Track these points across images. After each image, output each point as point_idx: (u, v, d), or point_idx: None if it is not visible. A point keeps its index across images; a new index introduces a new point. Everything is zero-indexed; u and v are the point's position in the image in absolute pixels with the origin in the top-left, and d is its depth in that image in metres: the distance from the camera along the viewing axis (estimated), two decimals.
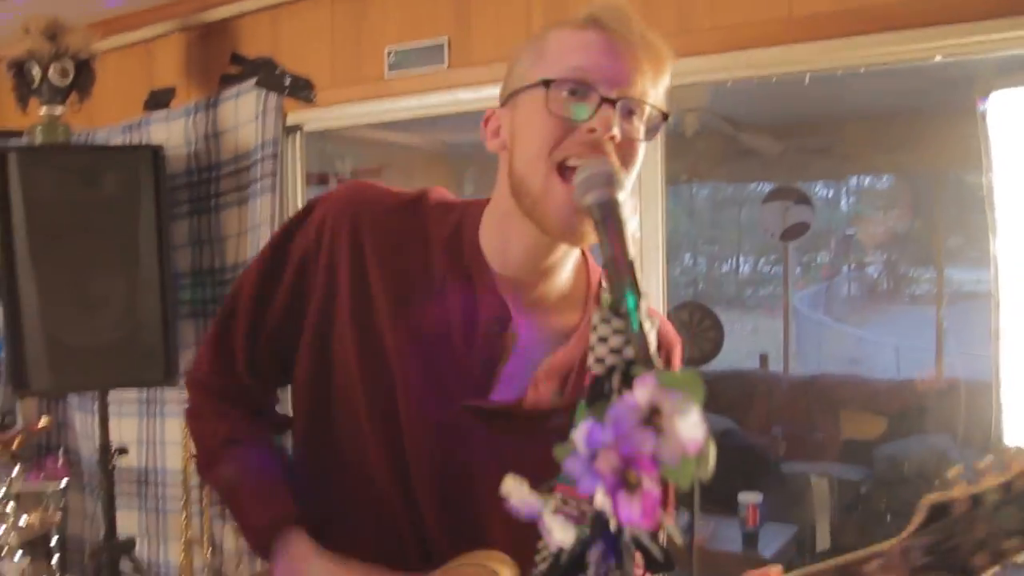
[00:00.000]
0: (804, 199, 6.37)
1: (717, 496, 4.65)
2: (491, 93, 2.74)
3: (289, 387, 1.43)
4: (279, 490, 1.34)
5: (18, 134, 4.15)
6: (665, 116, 1.22)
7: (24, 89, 3.26)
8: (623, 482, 0.80)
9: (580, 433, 0.84)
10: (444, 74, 2.91)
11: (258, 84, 3.26)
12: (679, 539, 1.01)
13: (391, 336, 1.27)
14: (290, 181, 3.36)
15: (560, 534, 0.92)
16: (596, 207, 1.02)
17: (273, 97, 3.23)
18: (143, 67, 3.76)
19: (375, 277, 1.29)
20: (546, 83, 1.18)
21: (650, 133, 1.21)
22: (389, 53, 3.04)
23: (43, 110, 3.27)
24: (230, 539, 3.32)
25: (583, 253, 1.35)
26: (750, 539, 4.57)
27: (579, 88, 1.17)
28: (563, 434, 0.88)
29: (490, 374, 1.26)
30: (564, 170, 1.17)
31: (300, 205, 3.38)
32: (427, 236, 1.31)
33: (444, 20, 2.95)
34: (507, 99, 1.28)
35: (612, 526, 0.92)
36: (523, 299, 1.28)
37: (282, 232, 1.39)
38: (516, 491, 0.92)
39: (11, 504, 2.85)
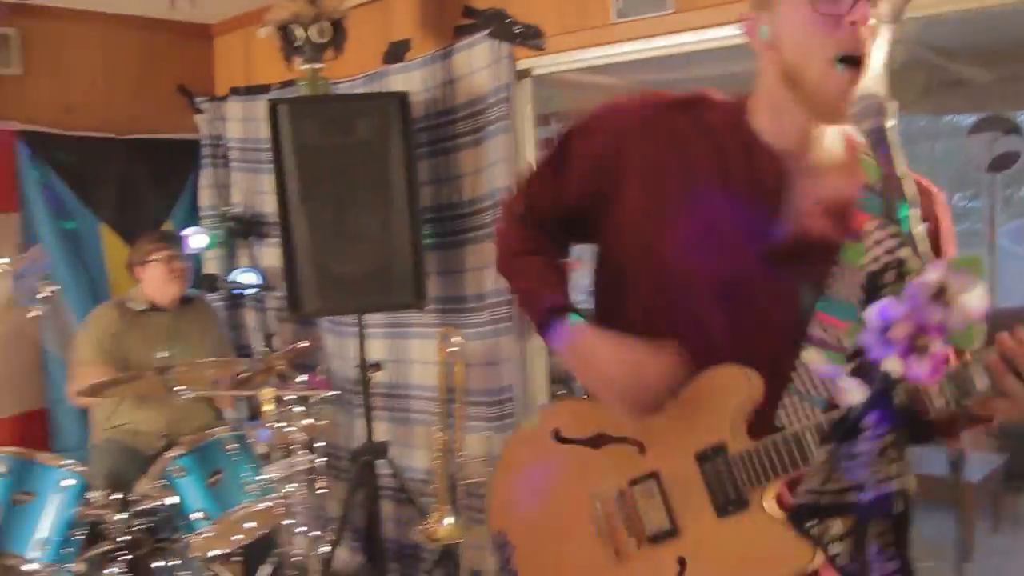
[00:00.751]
0: (1014, 129, 6.25)
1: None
2: (715, 35, 3.00)
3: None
4: (564, 287, 1.68)
5: (266, 88, 4.68)
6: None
7: (288, 48, 3.72)
8: (914, 347, 1.08)
9: (873, 310, 1.12)
10: (670, 19, 3.16)
11: (491, 35, 3.61)
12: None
13: (685, 202, 1.55)
14: (521, 122, 3.69)
15: (856, 394, 1.20)
16: (869, 133, 1.27)
17: (505, 46, 3.57)
18: (381, 22, 4.16)
19: (664, 159, 1.58)
20: None
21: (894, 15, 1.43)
22: (616, 1, 3.31)
23: (305, 66, 3.72)
24: (475, 446, 3.74)
25: None
26: (955, 465, 4.68)
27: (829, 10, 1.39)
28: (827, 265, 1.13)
29: (772, 220, 1.52)
30: (835, 62, 1.39)
31: (532, 144, 3.73)
32: (705, 123, 1.58)
33: None
34: (761, 2, 1.51)
35: (895, 392, 1.18)
36: (795, 166, 1.52)
37: (571, 129, 1.69)
38: (816, 358, 1.21)
39: (300, 407, 3.37)
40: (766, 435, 1.43)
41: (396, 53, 4.06)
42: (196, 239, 4.52)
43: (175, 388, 3.29)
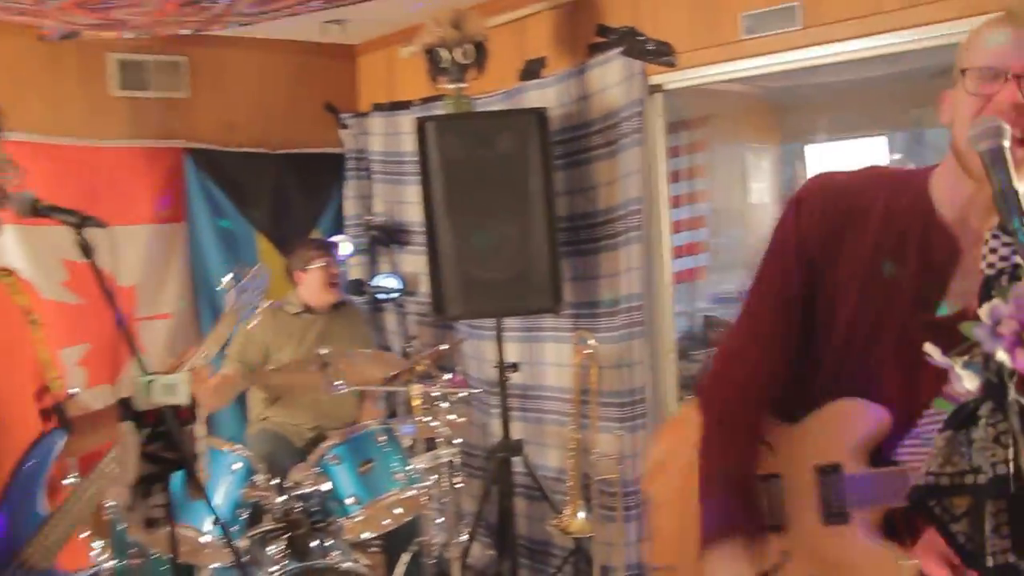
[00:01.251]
0: None
1: None
2: (840, 49, 3.14)
3: None
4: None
5: (407, 105, 4.99)
6: None
7: (435, 69, 4.01)
8: (1020, 341, 1.25)
9: (985, 310, 1.29)
10: (797, 34, 3.32)
11: (623, 52, 3.82)
12: None
13: (867, 274, 1.71)
14: (652, 134, 3.89)
15: (967, 381, 1.37)
16: (986, 153, 1.43)
17: (637, 63, 3.78)
18: (518, 41, 4.42)
19: (847, 233, 1.74)
20: (962, 71, 1.57)
21: None
22: (744, 17, 3.48)
23: (450, 86, 4.01)
24: (607, 446, 3.94)
25: None
26: None
27: (987, 72, 1.54)
28: None
29: (941, 293, 1.66)
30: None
31: (663, 155, 3.93)
32: (883, 198, 1.73)
33: None
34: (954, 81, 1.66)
35: (1008, 382, 1.34)
36: (967, 235, 1.66)
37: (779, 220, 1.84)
38: (935, 353, 1.38)
39: (444, 403, 3.63)
40: (883, 466, 1.62)
41: (532, 70, 4.31)
42: (342, 247, 4.85)
43: (335, 382, 3.60)
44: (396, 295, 5.00)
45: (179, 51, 4.93)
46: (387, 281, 4.97)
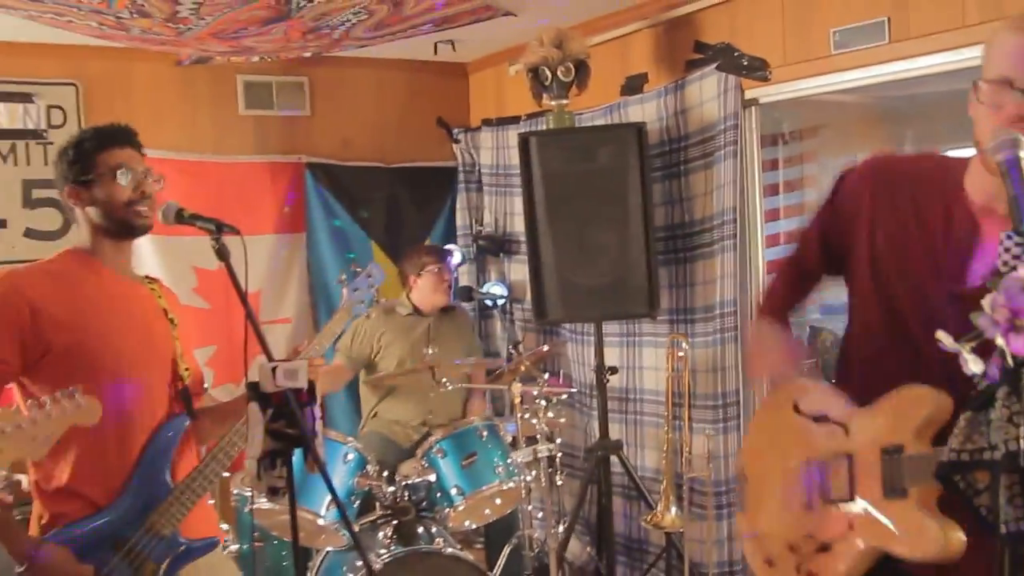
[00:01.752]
0: None
1: None
2: (929, 62, 3.28)
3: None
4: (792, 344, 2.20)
5: (515, 120, 5.26)
6: None
7: (538, 87, 4.27)
8: (1012, 326, 1.42)
9: (987, 300, 1.48)
10: (886, 49, 3.46)
11: (719, 68, 4.01)
12: None
13: (900, 244, 1.98)
14: (748, 146, 4.06)
15: (973, 365, 1.55)
16: (1002, 163, 1.61)
17: (732, 78, 3.96)
18: (619, 57, 4.64)
19: (888, 206, 2.01)
20: (974, 83, 1.79)
21: None
22: (834, 33, 3.63)
23: (553, 102, 4.26)
24: (700, 446, 4.11)
25: None
26: None
27: (1001, 84, 1.74)
28: None
29: (964, 269, 1.89)
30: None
31: (758, 166, 4.10)
32: (924, 178, 2.00)
33: (884, 0, 3.49)
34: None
35: (1009, 362, 1.52)
36: (992, 221, 1.87)
37: (836, 181, 2.18)
38: (945, 339, 1.56)
39: (543, 402, 3.87)
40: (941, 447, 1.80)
41: (633, 86, 4.53)
42: (453, 256, 5.15)
43: (443, 380, 3.89)
44: (503, 302, 5.28)
45: (300, 72, 5.32)
46: (494, 288, 5.25)
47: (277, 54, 4.71)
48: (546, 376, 4.00)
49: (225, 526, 3.83)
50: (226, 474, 3.57)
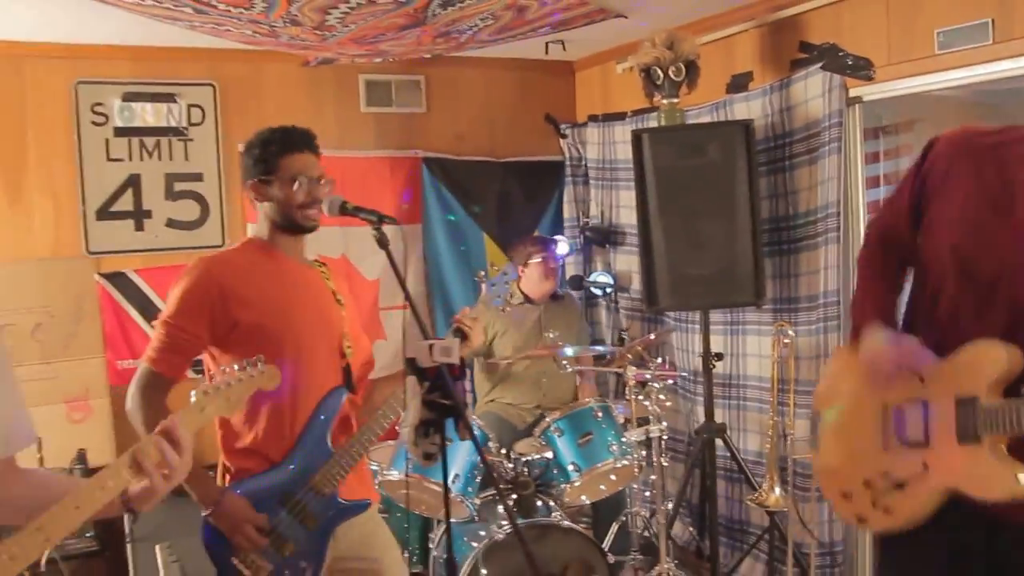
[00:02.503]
0: None
1: None
2: None
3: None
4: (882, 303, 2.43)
5: (621, 116, 5.54)
6: None
7: (650, 86, 4.55)
8: None
9: None
10: (989, 49, 3.65)
11: (824, 67, 4.23)
12: None
13: (985, 207, 2.19)
14: (851, 143, 4.29)
15: None
16: None
17: (837, 77, 4.18)
18: (725, 57, 4.89)
19: (974, 172, 2.23)
20: None
21: None
22: (938, 33, 3.83)
23: (664, 101, 4.53)
24: (804, 430, 4.35)
25: None
26: None
27: None
28: None
29: None
30: None
31: (860, 161, 4.32)
32: (1005, 149, 2.21)
33: (987, 2, 3.68)
34: None
35: None
36: None
37: (924, 148, 2.38)
38: None
39: (656, 384, 4.15)
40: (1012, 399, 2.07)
41: (739, 84, 4.78)
42: (559, 245, 5.45)
43: (563, 362, 4.21)
44: (609, 291, 5.57)
45: (417, 71, 5.68)
46: (601, 277, 5.55)
47: (404, 56, 5.06)
48: (659, 361, 4.28)
49: None
50: None
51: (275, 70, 5.36)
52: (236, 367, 2.08)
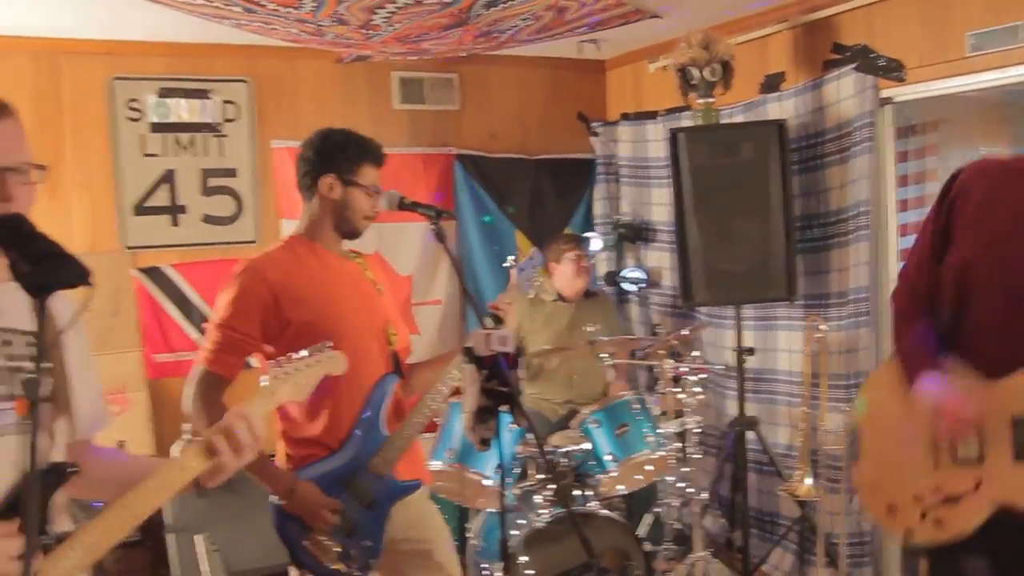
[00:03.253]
0: None
1: None
2: None
3: None
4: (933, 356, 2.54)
5: (652, 115, 5.69)
6: None
7: (686, 86, 4.71)
8: None
9: None
10: (1019, 52, 3.79)
11: (857, 68, 4.38)
12: None
13: (1009, 235, 2.37)
14: (883, 142, 4.44)
15: None
16: None
17: (870, 78, 4.34)
18: (758, 57, 5.04)
19: (997, 201, 2.41)
20: None
21: None
22: (970, 36, 3.98)
23: (700, 100, 4.69)
24: (831, 423, 4.50)
25: None
26: None
27: None
28: None
29: None
30: None
31: (892, 160, 4.48)
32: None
33: (1017, 5, 3.81)
34: None
35: None
36: None
37: (947, 182, 2.55)
38: None
39: (692, 377, 4.31)
40: None
41: (772, 84, 4.93)
42: (592, 242, 5.61)
43: (601, 356, 4.38)
44: (642, 287, 5.73)
45: (451, 69, 5.85)
46: (633, 273, 5.71)
47: (444, 55, 5.22)
48: (695, 354, 4.44)
49: None
50: None
51: (309, 67, 5.52)
52: (305, 352, 2.20)
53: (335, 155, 3.02)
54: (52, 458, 1.79)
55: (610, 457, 4.25)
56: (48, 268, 1.68)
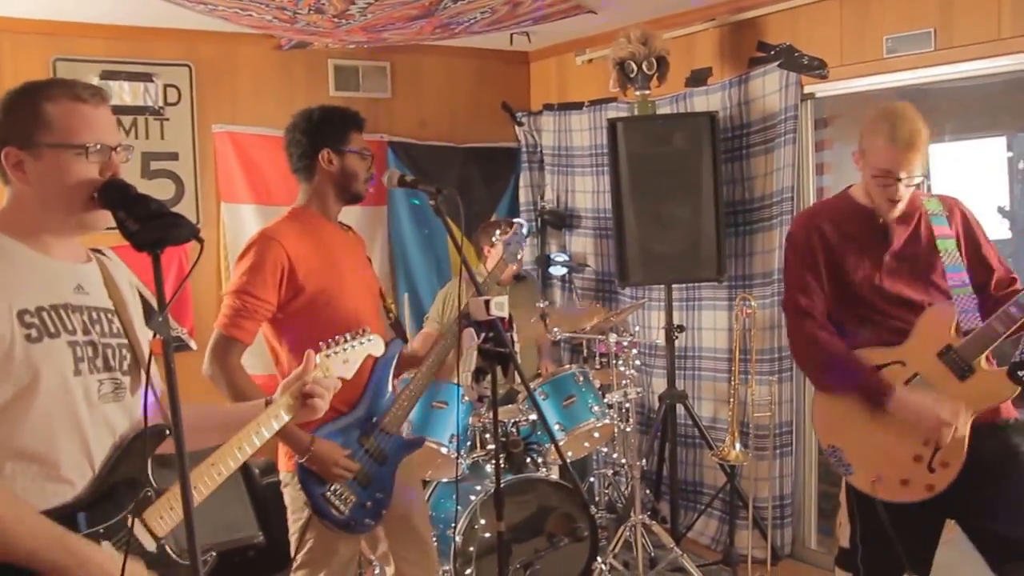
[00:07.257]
0: None
1: None
2: (969, 68, 4.19)
3: None
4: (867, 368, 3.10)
5: (577, 105, 6.11)
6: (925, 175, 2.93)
7: (624, 79, 5.14)
8: None
9: None
10: (931, 55, 4.35)
11: (781, 66, 4.89)
12: None
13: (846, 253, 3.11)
14: (803, 134, 4.97)
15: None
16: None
17: (793, 75, 4.85)
18: (685, 53, 5.51)
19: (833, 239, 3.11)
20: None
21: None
22: (887, 40, 4.51)
23: (636, 92, 5.13)
24: (760, 394, 5.00)
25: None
26: None
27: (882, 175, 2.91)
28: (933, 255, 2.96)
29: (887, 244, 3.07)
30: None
31: (811, 150, 5.02)
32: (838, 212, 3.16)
33: (930, 13, 4.37)
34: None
35: None
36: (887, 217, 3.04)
37: (787, 240, 3.27)
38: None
39: (634, 351, 4.74)
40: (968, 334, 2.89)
41: (698, 78, 5.42)
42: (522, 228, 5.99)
43: (554, 330, 4.77)
44: (565, 271, 6.15)
45: (383, 58, 6.14)
46: (560, 258, 6.13)
47: (401, 44, 5.49)
48: (636, 330, 4.88)
49: None
50: None
51: (249, 52, 5.72)
52: (349, 336, 2.60)
53: (324, 130, 3.33)
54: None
55: (558, 426, 4.64)
56: (163, 225, 1.91)
